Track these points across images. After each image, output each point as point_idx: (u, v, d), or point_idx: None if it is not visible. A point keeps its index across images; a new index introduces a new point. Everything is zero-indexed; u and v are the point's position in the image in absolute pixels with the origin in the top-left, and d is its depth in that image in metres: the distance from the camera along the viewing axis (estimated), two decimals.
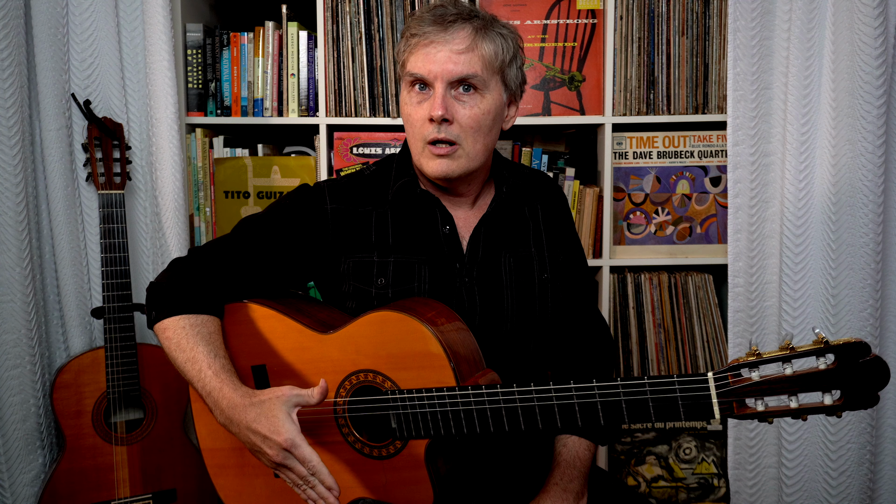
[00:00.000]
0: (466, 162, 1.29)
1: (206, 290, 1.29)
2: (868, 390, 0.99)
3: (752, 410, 1.03)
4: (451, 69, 1.25)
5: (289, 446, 1.13)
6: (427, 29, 1.26)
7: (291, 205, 1.37)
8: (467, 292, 1.33)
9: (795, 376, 1.01)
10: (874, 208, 1.82)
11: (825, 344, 0.99)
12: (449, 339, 1.19)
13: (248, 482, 1.32)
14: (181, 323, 1.26)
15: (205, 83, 2.14)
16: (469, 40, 1.26)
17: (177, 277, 1.31)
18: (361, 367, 1.22)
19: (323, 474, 1.13)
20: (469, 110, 1.27)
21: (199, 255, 1.34)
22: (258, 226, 1.35)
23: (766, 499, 2.02)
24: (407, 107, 1.30)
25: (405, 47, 1.30)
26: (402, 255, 1.34)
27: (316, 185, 1.40)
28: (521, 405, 1.13)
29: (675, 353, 2.13)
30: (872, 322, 1.86)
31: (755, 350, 1.02)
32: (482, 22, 1.28)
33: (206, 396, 1.22)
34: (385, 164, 1.43)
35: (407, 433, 1.20)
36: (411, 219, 1.36)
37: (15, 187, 1.76)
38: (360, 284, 1.33)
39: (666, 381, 1.06)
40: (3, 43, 1.71)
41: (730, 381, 1.03)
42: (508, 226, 1.39)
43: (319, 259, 1.36)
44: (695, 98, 2.08)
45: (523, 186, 1.43)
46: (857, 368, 0.99)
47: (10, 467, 1.82)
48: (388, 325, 1.20)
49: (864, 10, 1.74)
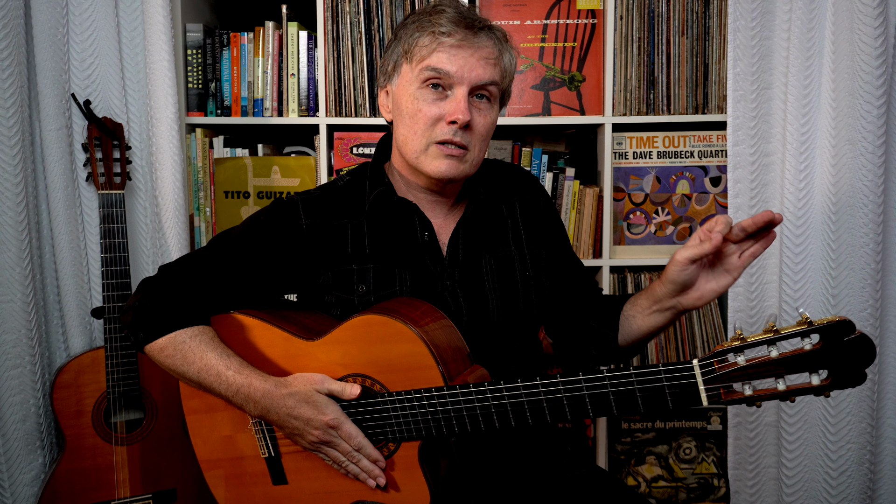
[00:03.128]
0: (469, 168, 1.29)
1: (191, 303, 1.29)
2: (855, 368, 0.99)
3: (740, 395, 1.03)
4: (480, 74, 1.25)
5: (336, 425, 1.20)
6: (457, 30, 1.25)
7: (266, 221, 1.34)
8: (451, 295, 1.32)
9: (781, 358, 1.01)
10: (874, 208, 1.82)
11: (809, 324, 0.99)
12: (434, 339, 1.18)
13: (246, 491, 1.32)
14: (179, 338, 1.26)
15: (205, 83, 2.14)
16: (497, 51, 1.28)
17: (157, 295, 1.30)
18: (350, 371, 1.23)
19: (368, 448, 1.21)
20: (483, 119, 1.28)
21: (173, 271, 1.33)
22: (233, 243, 1.34)
23: (766, 499, 2.02)
24: (417, 102, 1.26)
25: (429, 42, 1.25)
26: (380, 262, 1.32)
27: (289, 200, 1.36)
28: (510, 402, 1.13)
29: (676, 353, 2.13)
30: (872, 322, 1.86)
31: (739, 334, 1.02)
32: (501, 35, 1.31)
33: (235, 395, 1.25)
34: (358, 175, 1.40)
35: (399, 435, 1.20)
36: (388, 228, 1.34)
37: (15, 187, 1.76)
38: (342, 294, 1.32)
39: (652, 370, 1.06)
40: (3, 43, 1.71)
41: (715, 366, 1.03)
42: (487, 227, 1.38)
43: (297, 274, 1.34)
44: (695, 98, 2.08)
45: (499, 185, 1.42)
46: (843, 347, 0.99)
47: (10, 467, 1.82)
48: (372, 328, 1.20)
49: (864, 10, 1.74)
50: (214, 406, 1.31)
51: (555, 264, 1.44)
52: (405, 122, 1.29)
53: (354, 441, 1.21)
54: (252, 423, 1.29)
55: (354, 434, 1.21)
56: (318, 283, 1.34)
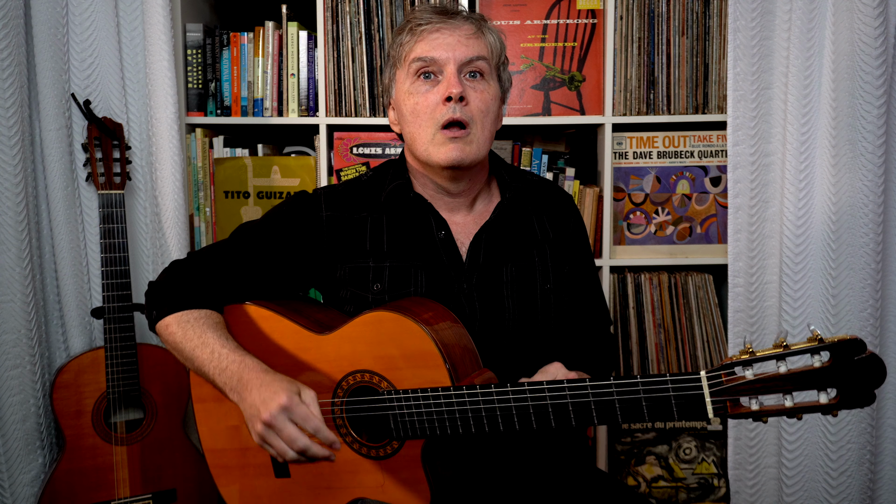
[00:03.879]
0: (476, 148, 1.30)
1: (206, 288, 1.30)
2: (864, 388, 0.98)
3: (747, 410, 1.02)
4: (464, 51, 1.29)
5: (293, 396, 1.11)
6: (432, 17, 1.31)
7: (288, 211, 1.38)
8: (466, 299, 1.33)
9: (790, 374, 1.00)
10: (874, 208, 1.82)
11: (820, 341, 0.98)
12: (444, 339, 1.19)
13: (248, 483, 1.32)
14: (185, 317, 1.27)
15: (205, 83, 2.14)
16: (475, 28, 1.33)
17: (176, 277, 1.32)
18: (358, 367, 1.23)
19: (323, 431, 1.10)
20: (479, 94, 1.30)
21: (198, 257, 1.35)
22: (255, 232, 1.36)
23: (766, 499, 2.02)
24: (413, 97, 1.30)
25: (410, 38, 1.31)
26: (397, 261, 1.33)
27: (314, 192, 1.40)
28: (516, 405, 1.13)
29: (675, 353, 2.13)
30: (872, 322, 1.86)
31: (749, 348, 1.01)
32: (479, 16, 1.36)
33: (223, 372, 1.19)
34: (382, 170, 1.43)
35: (403, 433, 1.20)
36: (405, 223, 1.36)
37: (15, 187, 1.76)
38: (357, 290, 1.34)
39: (659, 380, 1.06)
40: (3, 43, 1.71)
41: (723, 379, 1.02)
42: (512, 236, 1.38)
43: (315, 266, 1.36)
44: (695, 98, 2.08)
45: (529, 195, 1.42)
46: (853, 366, 0.97)
47: (10, 467, 1.82)
48: (383, 325, 1.20)
49: (864, 10, 1.74)
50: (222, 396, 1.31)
51: (571, 289, 1.44)
52: (409, 121, 1.32)
53: (311, 423, 1.11)
54: None
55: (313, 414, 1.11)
56: (336, 278, 1.36)
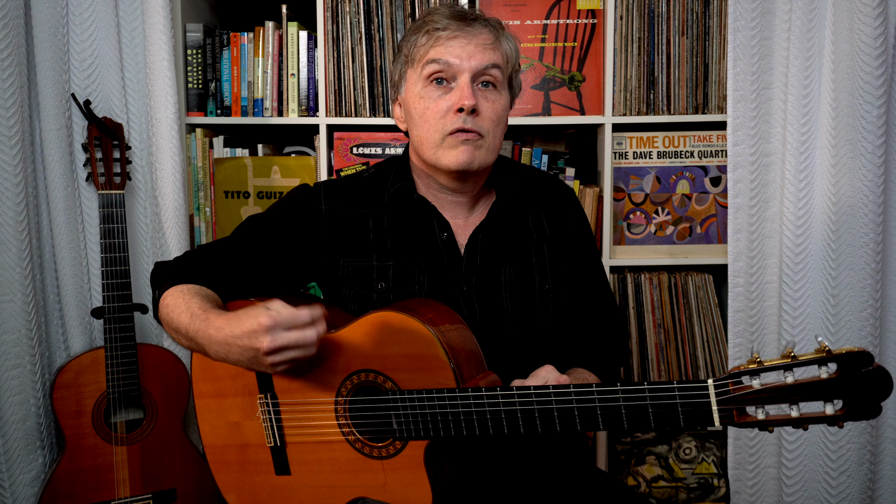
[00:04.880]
0: (486, 154, 1.30)
1: (210, 274, 1.31)
2: (870, 401, 0.98)
3: (753, 419, 1.02)
4: (479, 59, 1.28)
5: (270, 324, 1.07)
6: (451, 23, 1.29)
7: (288, 204, 1.39)
8: (465, 301, 1.33)
9: (797, 385, 1.00)
10: (874, 208, 1.82)
11: (827, 352, 0.98)
12: (450, 341, 1.18)
13: (248, 479, 1.33)
14: (181, 289, 1.26)
15: (205, 83, 2.14)
16: (493, 37, 1.31)
17: (181, 261, 1.34)
18: (363, 366, 1.23)
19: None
20: (491, 104, 1.30)
21: (205, 250, 1.37)
22: (258, 225, 1.37)
23: (766, 499, 2.02)
24: (424, 101, 1.29)
25: (426, 40, 1.30)
26: (400, 260, 1.33)
27: (314, 185, 1.41)
28: (521, 408, 1.13)
29: (675, 353, 2.13)
30: (872, 322, 1.86)
31: (756, 357, 1.01)
32: (496, 23, 1.34)
33: (196, 334, 1.17)
34: (384, 168, 1.43)
35: (406, 434, 1.20)
36: (408, 224, 1.36)
37: (15, 187, 1.76)
38: (361, 289, 1.33)
39: (666, 387, 1.06)
40: (3, 43, 1.71)
41: (730, 388, 1.02)
42: (509, 234, 1.38)
43: (316, 259, 1.36)
44: (695, 98, 2.08)
45: (526, 191, 1.41)
46: (860, 378, 0.98)
47: (10, 467, 1.82)
48: (389, 325, 1.20)
49: (864, 10, 1.74)
50: (224, 392, 1.32)
51: (573, 284, 1.43)
52: (417, 124, 1.32)
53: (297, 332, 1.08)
54: (260, 412, 1.29)
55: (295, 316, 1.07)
56: (338, 276, 1.36)
